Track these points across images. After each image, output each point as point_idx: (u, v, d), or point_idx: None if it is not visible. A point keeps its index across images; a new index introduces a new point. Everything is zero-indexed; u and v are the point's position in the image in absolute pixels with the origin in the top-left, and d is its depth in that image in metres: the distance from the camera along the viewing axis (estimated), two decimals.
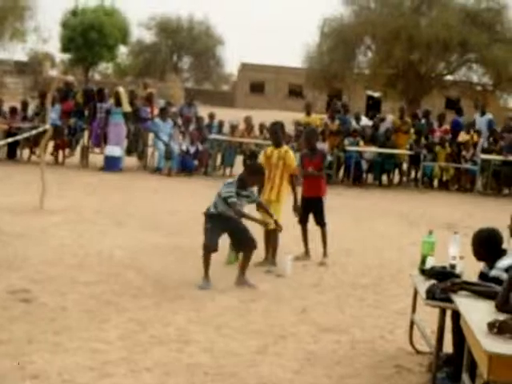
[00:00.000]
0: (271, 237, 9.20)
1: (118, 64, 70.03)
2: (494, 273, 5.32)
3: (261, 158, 9.44)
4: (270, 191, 9.23)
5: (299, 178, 9.81)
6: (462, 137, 18.76)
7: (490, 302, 4.91)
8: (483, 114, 19.86)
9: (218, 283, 8.10)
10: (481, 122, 19.34)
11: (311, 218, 9.82)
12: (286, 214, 9.37)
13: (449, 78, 38.45)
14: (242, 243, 8.34)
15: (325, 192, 9.90)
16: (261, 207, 8.63)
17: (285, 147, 9.40)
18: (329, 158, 16.36)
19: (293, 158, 9.29)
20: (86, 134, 17.77)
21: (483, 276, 5.49)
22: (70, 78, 20.48)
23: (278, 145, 9.35)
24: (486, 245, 5.43)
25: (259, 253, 8.95)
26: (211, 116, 18.98)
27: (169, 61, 68.45)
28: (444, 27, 32.29)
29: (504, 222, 5.81)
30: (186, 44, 67.88)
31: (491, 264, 5.43)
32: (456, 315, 5.32)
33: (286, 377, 5.60)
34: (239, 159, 18.32)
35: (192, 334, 6.33)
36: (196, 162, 17.68)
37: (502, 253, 5.40)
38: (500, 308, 4.68)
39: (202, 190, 15.45)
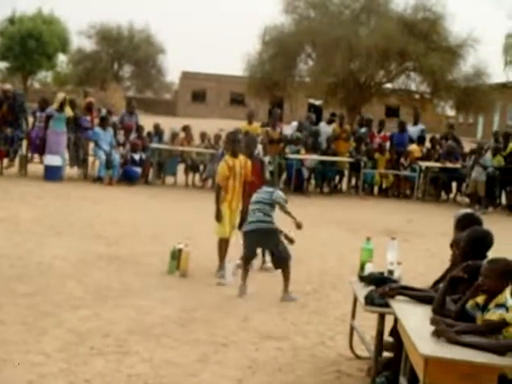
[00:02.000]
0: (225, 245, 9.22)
1: (58, 72, 69.22)
2: None
3: (224, 168, 9.22)
4: (232, 200, 9.22)
5: None
6: (413, 148, 18.91)
7: (427, 307, 4.99)
8: (415, 123, 20.22)
9: (158, 293, 8.06)
10: (413, 131, 19.63)
11: None
12: None
13: (388, 86, 39.01)
14: (281, 260, 8.45)
15: None
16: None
17: (241, 156, 9.38)
18: (269, 167, 16.43)
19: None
20: (25, 143, 17.46)
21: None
22: (8, 85, 20.11)
23: (236, 154, 9.33)
24: (477, 244, 5.21)
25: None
26: (156, 127, 18.84)
27: (110, 69, 67.92)
28: (383, 36, 32.75)
29: (442, 227, 5.91)
30: (127, 52, 67.43)
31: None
32: (397, 320, 5.37)
33: None
34: (181, 168, 18.29)
35: (132, 345, 6.28)
36: (139, 170, 17.49)
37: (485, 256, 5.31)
38: (436, 311, 4.75)
39: (143, 199, 15.39)
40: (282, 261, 8.47)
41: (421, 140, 19.19)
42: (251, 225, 8.52)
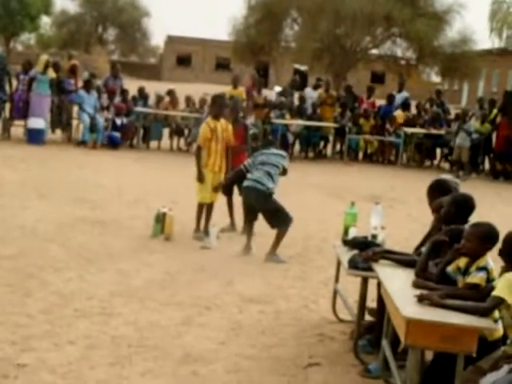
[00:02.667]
0: (208, 208, 9.24)
1: (41, 35, 68.44)
2: None
3: (205, 130, 9.21)
4: (215, 163, 9.21)
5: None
6: (398, 113, 18.92)
7: (410, 270, 5.03)
8: (400, 91, 20.20)
9: (142, 256, 8.08)
10: (397, 98, 19.62)
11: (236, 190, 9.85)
12: None
13: (374, 52, 38.87)
14: (280, 220, 8.54)
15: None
16: None
17: (223, 120, 9.35)
18: (254, 130, 16.40)
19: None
20: (8, 106, 17.31)
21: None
22: None
23: (218, 117, 9.31)
24: (460, 207, 5.21)
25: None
26: (141, 90, 18.70)
27: (94, 32, 67.31)
28: (369, 1, 32.57)
29: (425, 193, 5.92)
30: (112, 15, 66.79)
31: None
32: (380, 284, 5.42)
33: (211, 347, 5.63)
34: (166, 132, 18.23)
35: (116, 307, 6.31)
36: (119, 135, 17.33)
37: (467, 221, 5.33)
38: (419, 275, 4.79)
39: (127, 163, 15.34)
40: (279, 222, 8.58)
41: (405, 106, 19.18)
42: (248, 182, 8.66)
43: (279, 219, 8.58)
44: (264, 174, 8.62)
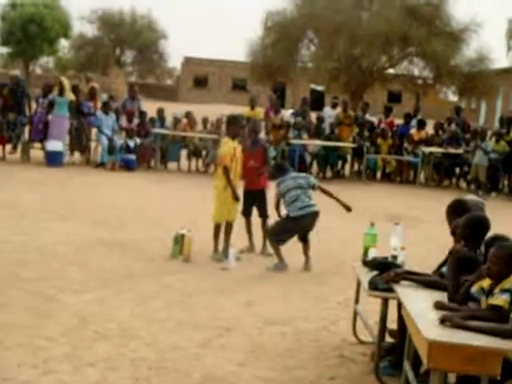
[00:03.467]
0: (227, 229, 9.28)
1: (60, 58, 69.11)
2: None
3: (230, 149, 9.21)
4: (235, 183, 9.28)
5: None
6: (415, 134, 18.90)
7: (431, 291, 5.00)
8: (416, 114, 20.18)
9: (161, 277, 8.08)
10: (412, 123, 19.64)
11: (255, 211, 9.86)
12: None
13: (390, 71, 38.85)
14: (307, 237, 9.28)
15: (266, 184, 9.95)
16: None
17: (236, 141, 9.38)
18: (273, 152, 16.46)
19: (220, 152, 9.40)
20: (27, 129, 17.45)
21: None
22: (15, 71, 20.11)
23: (235, 137, 9.34)
24: (474, 228, 5.22)
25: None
26: (160, 111, 18.81)
27: (111, 55, 67.79)
28: (385, 22, 32.58)
29: (444, 212, 5.90)
30: (129, 38, 67.28)
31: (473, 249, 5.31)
32: (400, 305, 5.38)
33: (230, 370, 5.60)
34: (184, 153, 18.28)
35: (135, 329, 6.30)
36: (134, 157, 17.34)
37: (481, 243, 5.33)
38: (452, 299, 4.72)
39: (145, 184, 15.38)
40: (308, 236, 9.31)
41: (420, 124, 19.11)
42: (305, 209, 9.10)
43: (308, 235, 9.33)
44: (310, 197, 9.29)
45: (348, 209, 9.53)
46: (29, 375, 5.16)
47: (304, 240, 9.29)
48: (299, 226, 9.12)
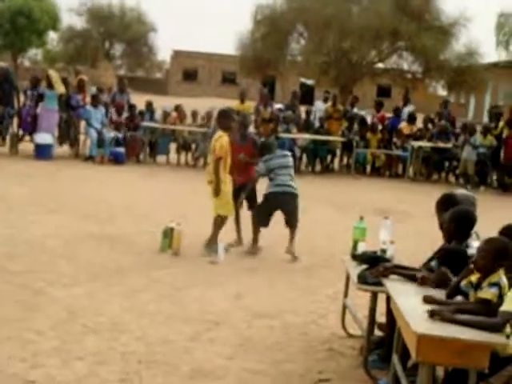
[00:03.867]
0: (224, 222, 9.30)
1: (48, 50, 68.78)
2: (471, 251, 5.23)
3: (226, 142, 9.15)
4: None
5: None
6: (405, 127, 18.98)
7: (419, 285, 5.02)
8: (405, 104, 20.28)
9: (150, 271, 8.07)
10: (403, 112, 19.72)
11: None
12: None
13: (380, 65, 38.88)
14: (296, 219, 9.44)
15: (254, 177, 9.93)
16: None
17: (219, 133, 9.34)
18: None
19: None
20: (16, 121, 17.39)
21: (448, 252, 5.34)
22: (2, 63, 20.04)
23: (228, 130, 9.32)
24: (460, 223, 5.31)
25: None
26: (148, 104, 18.77)
27: (101, 48, 67.54)
28: (375, 16, 32.59)
29: (432, 206, 5.92)
30: (118, 31, 67.02)
31: (459, 243, 5.37)
32: (389, 299, 5.40)
33: (219, 363, 5.62)
34: (173, 147, 18.26)
35: (125, 323, 6.29)
36: (123, 150, 17.31)
37: (469, 234, 5.39)
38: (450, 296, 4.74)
39: (134, 178, 15.35)
40: (296, 223, 9.40)
41: (411, 119, 19.18)
42: (283, 187, 9.25)
43: (296, 218, 9.44)
44: (290, 177, 9.33)
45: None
46: (17, 368, 5.15)
47: (289, 224, 9.43)
48: (274, 202, 9.28)
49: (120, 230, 10.04)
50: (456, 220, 5.27)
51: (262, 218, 9.36)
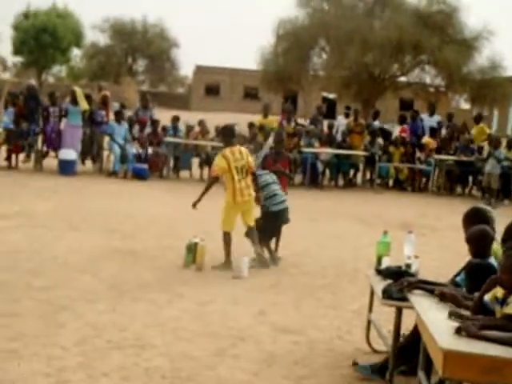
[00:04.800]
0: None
1: (72, 67, 69.43)
2: None
3: (220, 161, 9.33)
4: None
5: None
6: (427, 140, 18.94)
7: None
8: (432, 114, 20.20)
9: (174, 286, 8.08)
10: (430, 122, 19.64)
11: None
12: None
13: (402, 79, 38.82)
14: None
15: (285, 192, 10.04)
16: None
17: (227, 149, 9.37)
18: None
19: (216, 161, 9.43)
20: (40, 137, 17.53)
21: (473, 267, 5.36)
22: (31, 81, 20.28)
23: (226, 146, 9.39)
24: (477, 244, 5.35)
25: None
26: (175, 119, 18.83)
27: (123, 63, 68.06)
28: (397, 29, 32.60)
29: (456, 220, 5.88)
30: (141, 47, 67.53)
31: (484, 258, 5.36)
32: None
33: (244, 379, 5.59)
34: (196, 162, 18.30)
35: (149, 338, 6.29)
36: (146, 166, 17.38)
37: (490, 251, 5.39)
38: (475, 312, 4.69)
39: (157, 193, 15.40)
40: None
41: (433, 132, 19.11)
42: (283, 204, 9.48)
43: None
44: (281, 191, 9.56)
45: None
46: None
47: (279, 234, 9.70)
48: (279, 220, 9.49)
49: (143, 245, 10.06)
50: (473, 241, 5.29)
51: (270, 234, 9.55)
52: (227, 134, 9.46)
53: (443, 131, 19.48)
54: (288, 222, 9.70)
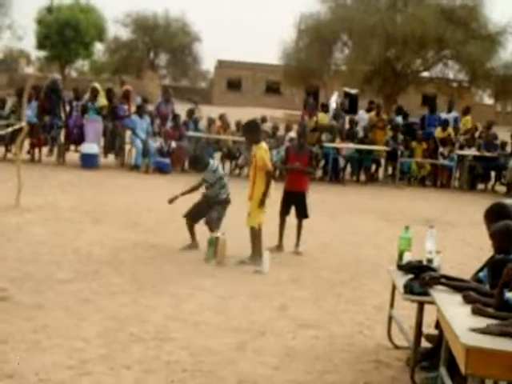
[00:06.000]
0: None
1: (95, 61, 69.78)
2: None
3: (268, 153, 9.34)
4: (249, 189, 9.25)
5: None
6: (439, 133, 18.94)
7: None
8: (450, 110, 20.11)
9: (195, 280, 8.10)
10: (448, 118, 19.57)
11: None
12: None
13: (425, 74, 38.62)
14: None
15: (307, 187, 10.01)
16: None
17: (259, 144, 9.24)
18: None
19: (262, 155, 9.12)
20: (63, 131, 17.64)
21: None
22: (56, 75, 20.42)
23: (254, 142, 9.31)
24: (502, 240, 5.24)
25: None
26: (190, 112, 18.85)
27: (145, 58, 68.31)
28: (420, 24, 32.41)
29: (478, 216, 5.84)
30: (163, 41, 67.72)
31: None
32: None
33: (265, 373, 5.59)
34: (217, 156, 18.31)
35: (170, 332, 6.32)
36: (168, 161, 17.44)
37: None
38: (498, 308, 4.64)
39: (179, 187, 15.36)
40: None
41: (444, 124, 19.04)
42: (229, 193, 9.73)
43: None
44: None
45: None
46: (65, 376, 5.19)
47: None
48: (228, 205, 9.73)
49: (165, 239, 10.09)
50: (497, 236, 5.21)
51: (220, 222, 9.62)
52: (255, 130, 9.37)
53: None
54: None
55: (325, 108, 20.30)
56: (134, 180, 15.94)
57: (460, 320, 4.41)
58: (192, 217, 9.64)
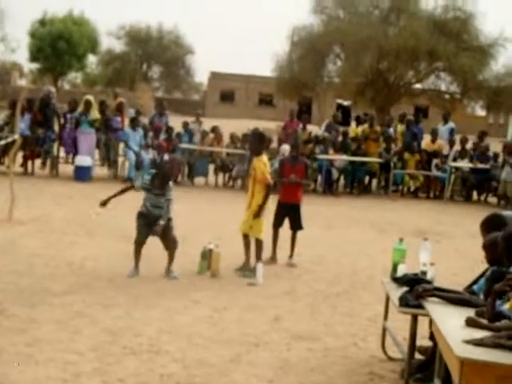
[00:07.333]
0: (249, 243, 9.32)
1: (88, 73, 69.81)
2: None
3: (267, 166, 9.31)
4: (248, 200, 9.24)
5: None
6: (428, 145, 19.01)
7: (462, 308, 4.94)
8: (446, 122, 20.16)
9: (189, 293, 8.08)
10: (443, 130, 19.62)
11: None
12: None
13: (417, 86, 38.78)
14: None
15: (301, 199, 10.02)
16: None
17: (260, 156, 9.21)
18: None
19: (262, 169, 9.09)
20: (56, 144, 17.62)
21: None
22: (51, 87, 20.41)
23: (255, 154, 9.31)
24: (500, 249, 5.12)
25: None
26: (185, 124, 18.90)
27: (139, 70, 68.42)
28: (412, 36, 32.58)
29: (472, 227, 5.85)
30: (156, 53, 67.89)
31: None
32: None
33: None
34: (211, 168, 18.33)
35: (164, 344, 6.30)
36: None
37: None
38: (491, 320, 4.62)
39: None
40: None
41: (433, 135, 19.10)
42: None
43: None
44: None
45: None
46: None
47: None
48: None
49: (158, 252, 10.06)
50: (489, 248, 5.21)
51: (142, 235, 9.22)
52: (260, 141, 9.36)
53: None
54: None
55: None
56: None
57: (454, 332, 4.42)
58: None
